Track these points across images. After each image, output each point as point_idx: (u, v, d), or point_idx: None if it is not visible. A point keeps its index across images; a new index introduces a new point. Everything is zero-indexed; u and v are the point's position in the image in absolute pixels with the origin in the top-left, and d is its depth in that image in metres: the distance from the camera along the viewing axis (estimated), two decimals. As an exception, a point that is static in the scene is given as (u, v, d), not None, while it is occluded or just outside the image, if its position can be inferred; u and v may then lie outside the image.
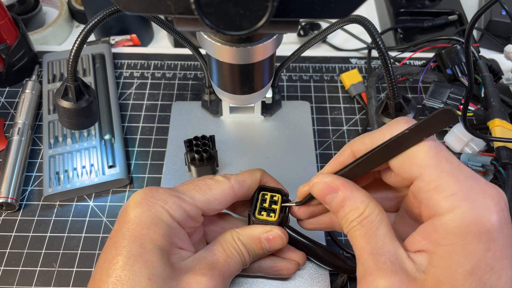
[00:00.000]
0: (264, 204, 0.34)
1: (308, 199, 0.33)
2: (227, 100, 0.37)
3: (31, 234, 0.43)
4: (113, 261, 0.27)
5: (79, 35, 0.33)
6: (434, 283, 0.24)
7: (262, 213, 0.34)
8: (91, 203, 0.45)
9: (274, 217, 0.34)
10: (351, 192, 0.28)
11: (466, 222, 0.23)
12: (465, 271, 0.23)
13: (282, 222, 0.35)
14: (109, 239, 0.29)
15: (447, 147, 0.49)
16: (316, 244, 0.36)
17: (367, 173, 0.30)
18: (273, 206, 0.34)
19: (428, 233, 0.25)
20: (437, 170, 0.24)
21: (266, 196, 0.35)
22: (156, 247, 0.28)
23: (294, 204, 0.34)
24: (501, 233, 0.23)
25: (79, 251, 0.42)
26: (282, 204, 0.34)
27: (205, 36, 0.29)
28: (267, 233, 0.33)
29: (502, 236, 0.23)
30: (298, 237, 0.36)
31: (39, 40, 0.60)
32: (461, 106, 0.46)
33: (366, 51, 0.59)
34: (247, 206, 0.37)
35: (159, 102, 0.54)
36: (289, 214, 0.35)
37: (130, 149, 0.49)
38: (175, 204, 0.30)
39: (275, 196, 0.35)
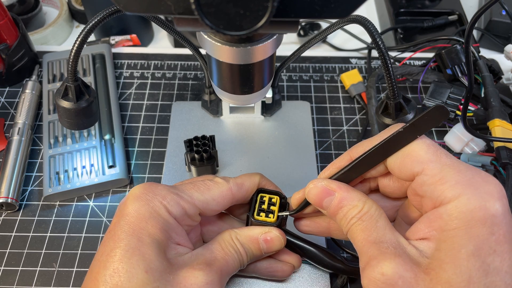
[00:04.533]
0: (262, 206, 0.34)
1: (303, 206, 0.33)
2: (227, 100, 0.37)
3: (31, 234, 0.43)
4: (111, 253, 0.28)
5: (79, 35, 0.33)
6: (438, 264, 0.24)
7: (261, 214, 0.34)
8: (91, 203, 0.45)
9: (273, 218, 0.34)
10: (347, 193, 0.29)
11: (470, 207, 0.24)
12: (468, 252, 0.23)
13: (281, 224, 0.35)
14: (107, 232, 0.30)
15: (447, 147, 0.49)
16: (314, 246, 0.36)
17: (363, 177, 0.30)
18: (272, 207, 0.34)
19: (432, 221, 0.25)
20: (438, 164, 0.26)
21: (264, 198, 0.35)
22: (154, 240, 0.28)
23: (288, 213, 0.34)
24: (505, 219, 0.24)
25: (79, 251, 0.42)
26: (278, 214, 0.34)
27: (205, 36, 0.29)
28: (265, 234, 0.33)
29: (505, 222, 0.24)
30: (296, 241, 0.36)
31: (39, 40, 0.60)
32: (461, 106, 0.46)
33: (366, 51, 0.59)
34: (244, 209, 0.37)
35: (159, 102, 0.54)
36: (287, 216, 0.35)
37: (130, 149, 0.49)
38: (173, 201, 0.30)
39: (273, 198, 0.35)
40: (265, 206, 0.34)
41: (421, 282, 0.24)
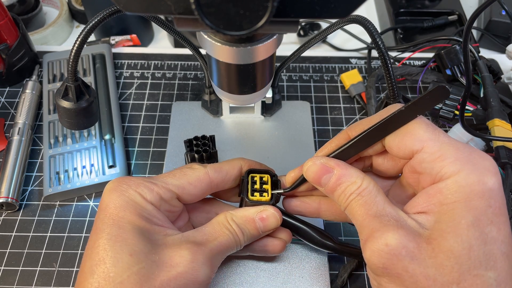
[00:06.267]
0: (255, 186, 0.35)
1: (298, 183, 0.33)
2: (227, 100, 0.37)
3: (31, 234, 0.43)
4: (95, 245, 0.28)
5: (79, 35, 0.33)
6: (439, 234, 0.25)
7: (255, 194, 0.34)
8: (91, 203, 0.45)
9: (267, 196, 0.34)
10: (346, 170, 0.29)
11: (469, 182, 0.25)
12: (468, 222, 0.24)
13: (275, 201, 0.35)
14: (91, 230, 0.30)
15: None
16: (305, 224, 0.36)
17: (360, 155, 0.31)
18: (264, 186, 0.35)
19: (431, 196, 0.26)
20: (437, 142, 0.27)
21: (255, 178, 0.35)
22: (135, 227, 0.29)
23: (283, 191, 0.34)
24: (500, 193, 0.25)
25: (79, 251, 0.42)
26: (272, 192, 0.35)
27: (205, 36, 0.29)
28: (260, 213, 0.33)
29: (500, 195, 0.25)
30: (288, 218, 0.36)
31: (39, 40, 0.60)
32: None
33: (366, 51, 0.59)
34: (234, 193, 0.37)
35: (159, 102, 0.54)
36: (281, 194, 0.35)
37: (130, 149, 0.49)
38: (147, 188, 0.31)
39: (264, 176, 0.35)
40: (257, 186, 0.35)
41: (424, 251, 0.25)
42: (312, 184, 0.31)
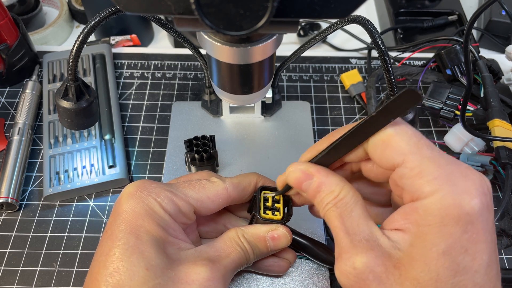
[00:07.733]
0: (266, 203, 0.35)
1: (286, 189, 0.33)
2: (227, 100, 0.37)
3: (31, 234, 0.43)
4: (110, 253, 0.28)
5: (79, 35, 0.33)
6: (408, 261, 0.24)
7: (267, 212, 0.34)
8: (91, 203, 0.45)
9: (279, 215, 0.34)
10: (326, 177, 0.28)
11: (445, 204, 0.23)
12: (439, 251, 0.23)
13: (286, 220, 0.35)
14: (104, 232, 0.30)
15: (447, 147, 0.49)
16: (311, 241, 0.36)
17: (343, 160, 0.30)
18: (276, 204, 0.35)
19: (408, 214, 0.25)
20: (418, 156, 0.25)
21: (268, 196, 0.35)
22: (152, 237, 0.28)
23: (274, 194, 0.34)
24: (481, 217, 0.23)
25: (79, 251, 0.42)
26: (264, 194, 0.34)
27: (205, 36, 0.29)
28: (272, 232, 0.33)
29: (481, 220, 0.23)
30: (296, 237, 0.36)
31: (39, 40, 0.60)
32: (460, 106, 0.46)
33: (366, 51, 0.59)
34: (242, 208, 0.37)
35: (159, 102, 0.54)
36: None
37: (130, 149, 0.49)
38: (167, 198, 0.30)
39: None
40: (269, 204, 0.35)
41: (391, 277, 0.24)
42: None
